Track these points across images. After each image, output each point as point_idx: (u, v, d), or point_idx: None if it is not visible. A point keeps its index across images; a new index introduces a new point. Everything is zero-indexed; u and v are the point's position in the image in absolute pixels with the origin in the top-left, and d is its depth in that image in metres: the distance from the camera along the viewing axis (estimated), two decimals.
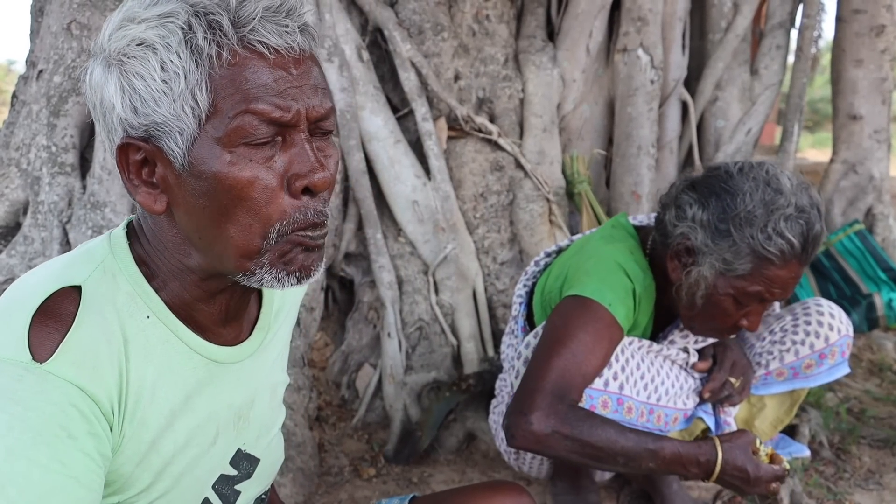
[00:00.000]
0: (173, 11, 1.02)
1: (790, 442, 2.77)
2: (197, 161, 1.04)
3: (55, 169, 2.91)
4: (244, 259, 1.09)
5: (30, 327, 1.02)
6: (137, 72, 1.03)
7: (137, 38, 1.03)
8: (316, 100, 1.07)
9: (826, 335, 2.29)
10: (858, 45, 4.04)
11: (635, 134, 3.57)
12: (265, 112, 1.02)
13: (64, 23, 2.98)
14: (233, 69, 1.02)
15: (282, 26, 1.04)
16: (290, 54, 1.05)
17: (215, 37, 1.01)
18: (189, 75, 1.01)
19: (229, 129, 1.02)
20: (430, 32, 3.19)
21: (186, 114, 1.02)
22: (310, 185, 1.07)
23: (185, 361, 1.17)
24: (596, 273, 2.08)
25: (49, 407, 0.98)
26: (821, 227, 1.94)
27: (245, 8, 1.02)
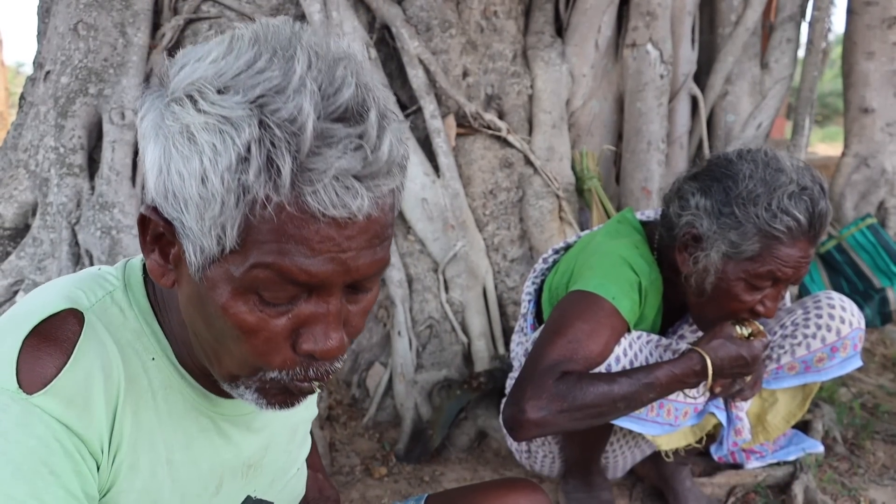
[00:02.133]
0: (237, 120, 0.85)
1: (803, 437, 2.75)
2: (208, 282, 0.94)
3: (63, 170, 2.91)
4: (230, 378, 1.02)
5: (20, 351, 0.95)
6: (178, 168, 0.89)
7: (190, 132, 0.88)
8: (362, 261, 0.93)
9: (838, 328, 2.27)
10: (870, 38, 4.01)
11: (645, 129, 3.55)
12: (290, 273, 0.89)
13: (70, 23, 2.98)
14: (273, 220, 0.87)
15: (351, 195, 0.87)
16: (348, 222, 0.89)
17: (268, 183, 0.85)
18: (226, 207, 0.87)
19: (248, 275, 0.90)
20: (438, 29, 3.18)
21: (211, 237, 0.90)
22: (315, 353, 0.96)
23: (187, 411, 1.10)
24: (599, 268, 2.08)
25: (31, 441, 0.92)
26: (826, 204, 1.93)
27: (317, 160, 0.85)
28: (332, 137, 0.85)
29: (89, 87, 2.95)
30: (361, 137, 0.87)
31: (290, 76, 0.86)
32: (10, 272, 2.91)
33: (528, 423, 1.88)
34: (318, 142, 0.85)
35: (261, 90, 0.86)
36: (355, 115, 0.88)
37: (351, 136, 0.86)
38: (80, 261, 2.89)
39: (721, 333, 1.99)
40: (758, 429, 2.47)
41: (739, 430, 2.34)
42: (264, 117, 0.85)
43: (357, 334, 1.02)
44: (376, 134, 0.88)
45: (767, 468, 2.62)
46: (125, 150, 2.91)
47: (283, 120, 0.84)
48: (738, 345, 1.98)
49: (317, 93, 0.86)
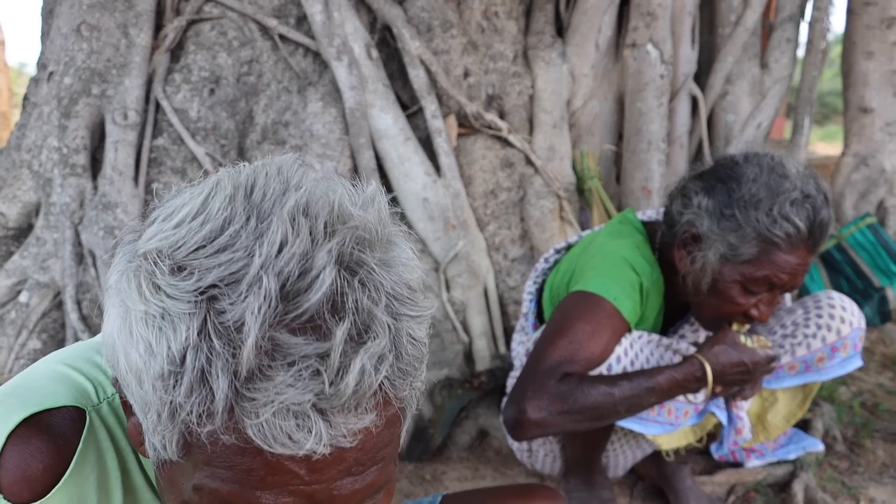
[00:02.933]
0: (177, 318, 0.70)
1: (804, 436, 2.76)
2: (163, 480, 0.80)
3: (66, 170, 2.92)
4: None
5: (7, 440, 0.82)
6: (123, 356, 0.75)
7: (131, 323, 0.74)
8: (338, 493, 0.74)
9: (838, 328, 2.28)
10: (869, 38, 4.02)
11: (645, 129, 3.56)
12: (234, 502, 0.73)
13: (74, 24, 2.99)
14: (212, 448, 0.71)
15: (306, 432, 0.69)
16: (308, 458, 0.71)
17: (199, 405, 0.69)
18: (161, 420, 0.72)
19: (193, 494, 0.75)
20: (439, 30, 3.19)
21: (157, 441, 0.75)
22: None
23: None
24: (601, 268, 2.08)
25: None
26: (828, 213, 1.93)
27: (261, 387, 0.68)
28: (282, 358, 0.68)
29: (92, 88, 2.96)
30: (323, 359, 0.68)
31: (250, 263, 0.70)
32: (13, 272, 2.92)
33: (529, 423, 1.89)
34: (266, 361, 0.68)
35: (214, 278, 0.70)
36: (324, 325, 0.69)
37: (309, 358, 0.68)
38: (83, 261, 2.90)
39: (724, 339, 2.00)
40: (758, 428, 2.48)
41: (740, 429, 2.34)
42: (208, 317, 0.69)
43: None
44: (339, 358, 0.68)
45: (767, 467, 2.63)
46: (128, 151, 2.92)
47: (225, 327, 0.68)
48: (741, 351, 1.99)
49: (274, 293, 0.68)
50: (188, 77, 3.01)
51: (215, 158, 2.99)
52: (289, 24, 3.08)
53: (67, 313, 2.83)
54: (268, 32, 3.06)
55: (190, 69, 3.01)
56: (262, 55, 3.07)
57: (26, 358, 2.83)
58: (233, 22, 3.04)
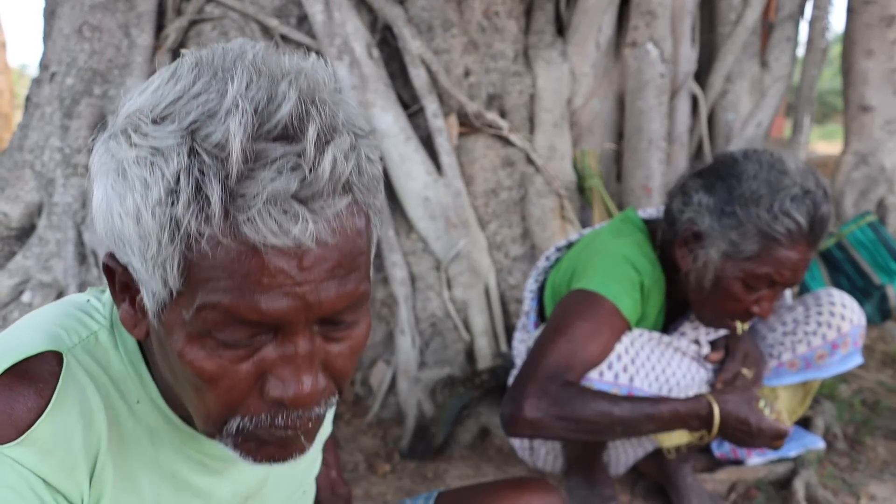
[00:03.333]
0: (167, 150, 0.78)
1: (804, 434, 2.76)
2: (166, 328, 0.86)
3: (69, 170, 2.93)
4: (206, 430, 0.93)
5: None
6: (117, 208, 0.83)
7: (122, 168, 0.82)
8: (325, 295, 0.83)
9: (838, 325, 2.29)
10: (869, 36, 4.02)
11: (646, 128, 3.56)
12: (239, 313, 0.81)
13: (76, 25, 3.00)
14: (210, 255, 0.79)
15: (292, 220, 0.78)
16: (297, 251, 0.80)
17: (199, 214, 0.78)
18: (162, 245, 0.80)
19: (197, 318, 0.82)
20: (440, 29, 3.20)
21: (158, 279, 0.82)
22: (284, 402, 0.86)
23: (175, 454, 1.03)
24: (602, 266, 2.09)
25: (4, 491, 0.85)
26: (828, 208, 1.93)
27: (248, 184, 0.77)
28: (265, 159, 0.77)
29: (94, 88, 2.97)
30: (300, 156, 0.78)
31: (225, 97, 0.79)
32: (16, 272, 2.93)
33: (524, 421, 1.90)
34: (251, 164, 0.77)
35: (194, 116, 0.79)
36: (296, 132, 0.79)
37: (288, 155, 0.78)
38: (85, 260, 2.91)
39: (742, 393, 1.98)
40: None
41: None
42: (195, 144, 0.78)
43: (345, 379, 0.92)
44: (314, 150, 0.78)
45: (768, 464, 2.63)
46: None
47: (212, 145, 0.78)
48: (753, 411, 1.97)
49: (249, 112, 0.78)
50: None
51: None
52: (290, 24, 3.09)
53: None
54: (269, 32, 3.06)
55: None
56: None
57: None
58: (234, 22, 3.04)
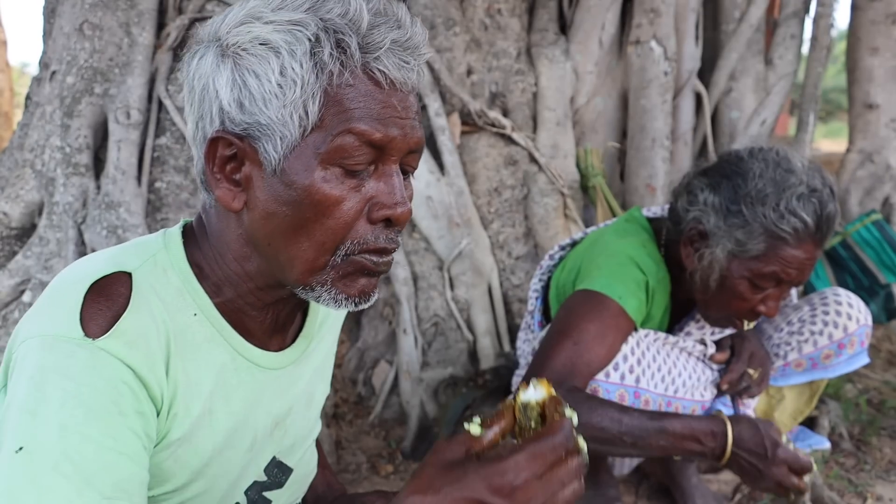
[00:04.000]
0: (303, 21, 1.03)
1: (810, 434, 2.75)
2: (290, 170, 1.05)
3: (69, 170, 2.91)
4: (308, 273, 1.10)
5: (82, 305, 1.02)
6: (254, 70, 1.04)
7: (262, 38, 1.04)
8: (413, 132, 1.09)
9: (845, 325, 2.27)
10: (874, 33, 4.01)
11: (649, 126, 3.55)
12: (368, 133, 1.04)
13: (76, 24, 2.98)
14: (348, 89, 1.03)
15: (403, 61, 1.06)
16: (402, 88, 1.07)
17: (341, 56, 1.02)
18: (306, 86, 1.02)
19: (331, 146, 1.04)
20: (442, 27, 3.18)
21: (293, 122, 1.03)
22: (392, 217, 1.09)
23: (228, 363, 1.17)
24: (607, 267, 2.07)
25: (101, 382, 0.98)
26: (834, 207, 1.91)
27: (374, 35, 1.04)
28: (377, 22, 1.04)
29: (95, 87, 2.96)
30: (398, 21, 1.06)
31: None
32: (16, 271, 2.92)
33: None
34: (372, 24, 1.04)
35: (310, 3, 1.04)
36: (386, 11, 1.07)
37: (390, 20, 1.06)
38: None
39: (763, 422, 1.84)
40: None
41: None
42: (321, 15, 1.03)
43: (409, 215, 1.13)
44: (409, 18, 1.08)
45: None
46: (131, 150, 2.92)
47: (338, 14, 1.03)
48: (769, 434, 1.81)
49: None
50: None
51: None
52: None
53: None
54: None
55: None
56: None
57: None
58: None
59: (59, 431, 0.94)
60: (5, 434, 0.95)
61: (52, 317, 1.02)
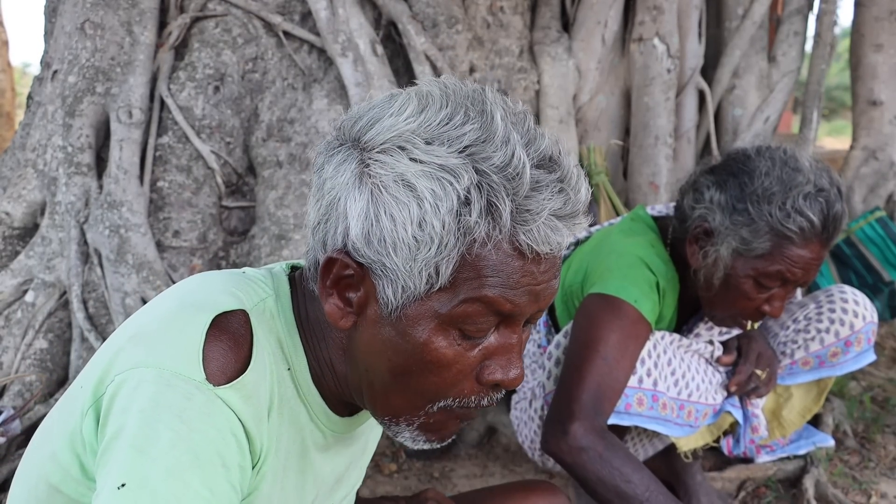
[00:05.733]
0: (456, 169, 0.92)
1: (814, 431, 2.74)
2: (407, 320, 0.99)
3: (71, 169, 2.91)
4: (396, 415, 1.07)
5: (205, 342, 0.98)
6: (391, 212, 0.95)
7: (407, 180, 0.94)
8: (549, 294, 1.02)
9: (851, 322, 2.26)
10: (878, 30, 3.99)
11: (652, 124, 3.54)
12: (499, 304, 0.97)
13: (78, 23, 2.98)
14: (488, 257, 0.95)
15: (555, 232, 0.96)
16: (548, 257, 0.98)
17: (489, 224, 0.93)
18: (443, 247, 0.94)
19: (456, 311, 0.97)
20: (445, 25, 3.17)
21: (420, 277, 0.96)
22: (502, 383, 1.03)
23: (307, 423, 1.14)
24: (618, 269, 2.06)
25: (212, 431, 0.95)
26: (841, 207, 1.90)
27: (532, 202, 0.93)
28: (539, 182, 0.94)
29: (96, 86, 2.95)
30: (562, 181, 0.95)
31: (492, 127, 0.95)
32: (19, 271, 2.91)
33: (567, 445, 1.81)
34: (532, 187, 0.93)
35: (468, 141, 0.94)
36: (553, 163, 0.96)
37: (554, 181, 0.95)
38: (88, 260, 2.89)
39: None
40: (773, 425, 2.46)
41: (756, 427, 2.33)
42: (478, 164, 0.93)
43: (522, 380, 1.07)
44: (575, 178, 0.97)
45: (778, 462, 2.61)
46: (133, 149, 2.91)
47: (496, 167, 0.93)
48: None
49: (521, 141, 0.95)
50: (193, 75, 3.00)
51: (220, 156, 2.98)
52: (293, 20, 3.07)
53: (73, 312, 2.82)
54: (272, 29, 3.04)
55: (194, 67, 3.00)
56: (267, 52, 3.06)
57: (32, 358, 2.82)
58: (237, 19, 3.03)
59: (165, 475, 0.91)
60: (110, 466, 0.92)
61: (171, 349, 0.98)
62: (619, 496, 1.78)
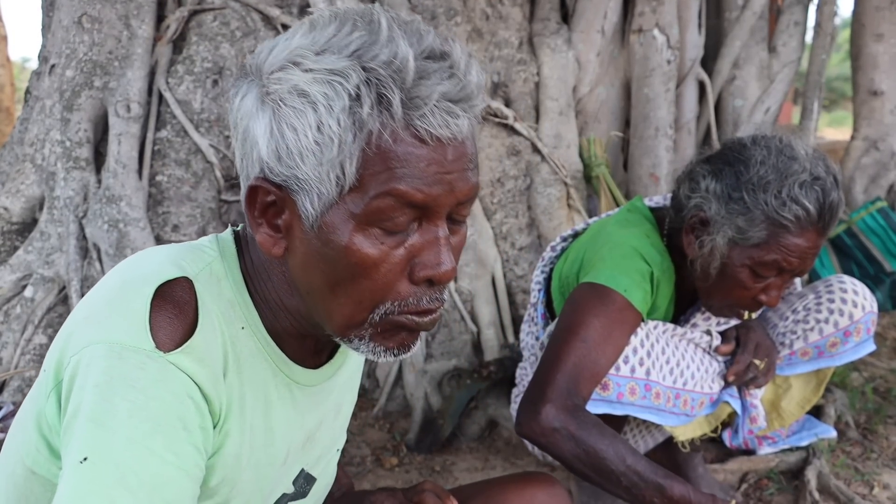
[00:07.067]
0: (344, 71, 0.96)
1: (816, 423, 2.73)
2: (328, 227, 1.01)
3: (70, 164, 2.91)
4: (345, 328, 1.07)
5: (150, 312, 1.00)
6: (291, 123, 0.99)
7: (300, 89, 0.98)
8: (463, 184, 1.03)
9: (850, 312, 2.26)
10: (879, 19, 3.98)
11: (652, 115, 3.53)
12: (408, 195, 0.98)
13: (75, 16, 2.97)
14: (388, 149, 0.97)
15: (451, 116, 0.98)
16: (451, 142, 0.99)
17: (381, 114, 0.96)
18: (343, 145, 0.96)
19: (369, 207, 0.99)
20: (444, 17, 3.16)
21: (330, 180, 0.98)
22: (433, 278, 1.04)
23: (269, 379, 1.15)
24: (611, 259, 2.05)
25: (169, 396, 0.97)
26: (838, 195, 1.89)
27: (421, 88, 0.96)
28: (426, 70, 0.96)
29: (94, 80, 2.95)
30: (452, 67, 0.98)
31: (378, 32, 0.98)
32: (18, 266, 2.91)
33: (539, 426, 1.80)
34: (419, 75, 0.96)
35: (355, 46, 0.97)
36: (441, 54, 0.99)
37: (443, 68, 0.97)
38: (87, 254, 2.89)
39: None
40: (772, 415, 2.46)
41: (754, 417, 2.32)
42: (365, 63, 0.96)
43: (454, 274, 1.08)
44: (465, 64, 0.99)
45: (780, 454, 2.61)
46: (131, 143, 2.90)
47: (382, 63, 0.96)
48: None
49: (405, 37, 0.98)
50: (191, 68, 2.99)
51: (219, 150, 2.97)
52: (292, 13, 3.05)
53: (72, 307, 2.82)
54: (270, 22, 3.03)
55: (192, 60, 2.99)
56: None
57: (32, 353, 2.82)
58: (235, 12, 3.02)
59: (126, 444, 0.94)
60: (71, 443, 0.94)
61: (118, 322, 1.00)
62: (597, 472, 1.78)
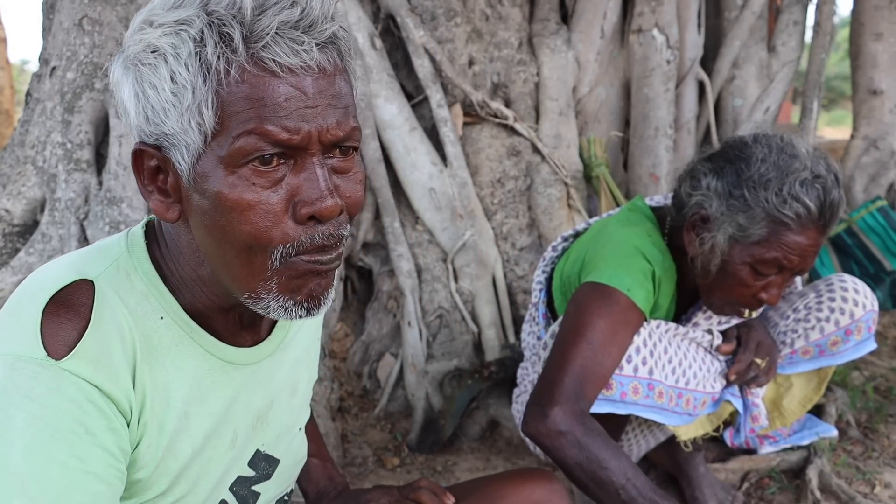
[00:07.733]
0: (188, 19, 0.97)
1: (817, 422, 2.74)
2: (201, 178, 1.01)
3: (71, 166, 2.91)
4: (247, 282, 1.06)
5: (42, 320, 1.00)
6: (150, 81, 0.99)
7: (152, 45, 0.99)
8: (332, 120, 1.01)
9: (851, 311, 2.26)
10: (878, 19, 3.99)
11: (652, 115, 3.53)
12: (270, 133, 0.97)
13: (75, 19, 2.97)
14: (241, 86, 0.97)
15: (297, 43, 0.97)
16: (306, 72, 0.99)
17: (225, 52, 0.96)
18: (196, 90, 0.97)
19: (232, 149, 0.98)
20: (443, 18, 3.17)
21: (192, 129, 0.99)
22: (315, 213, 1.02)
23: (199, 364, 1.15)
24: (613, 258, 2.05)
25: (65, 404, 0.97)
26: (838, 193, 1.90)
27: (260, 22, 0.96)
28: (265, 4, 0.97)
29: (95, 82, 2.95)
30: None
31: None
32: (19, 268, 2.91)
33: (546, 428, 1.80)
34: (258, 9, 0.97)
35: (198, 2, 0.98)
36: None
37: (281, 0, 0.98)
38: None
39: None
40: (774, 414, 2.46)
41: (756, 416, 2.33)
42: (208, 8, 0.97)
43: (358, 206, 1.08)
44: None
45: (781, 453, 2.61)
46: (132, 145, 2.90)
47: (223, 6, 0.97)
48: None
49: None
50: None
51: None
52: None
53: None
54: None
55: None
56: None
57: None
58: None
59: (24, 454, 0.94)
60: None
61: (12, 333, 1.00)
62: (595, 482, 1.78)
